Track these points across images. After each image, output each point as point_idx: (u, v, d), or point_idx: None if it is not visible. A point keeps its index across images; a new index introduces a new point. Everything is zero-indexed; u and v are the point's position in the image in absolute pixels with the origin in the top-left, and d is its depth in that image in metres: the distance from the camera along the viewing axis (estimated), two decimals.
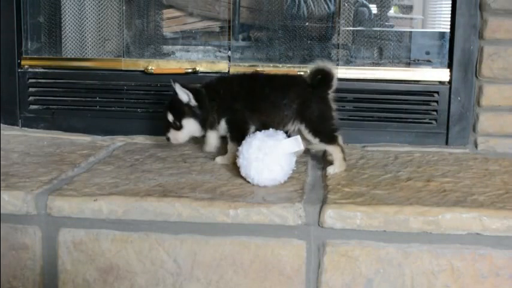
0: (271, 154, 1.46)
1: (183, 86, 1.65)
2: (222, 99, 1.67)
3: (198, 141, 1.94)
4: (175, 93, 1.65)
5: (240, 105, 1.66)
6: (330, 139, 1.61)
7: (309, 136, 1.62)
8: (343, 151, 1.62)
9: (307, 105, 1.62)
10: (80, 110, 2.04)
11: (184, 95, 1.64)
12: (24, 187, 1.46)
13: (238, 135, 1.63)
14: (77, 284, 1.43)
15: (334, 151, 1.61)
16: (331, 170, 1.60)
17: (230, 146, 1.68)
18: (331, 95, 1.64)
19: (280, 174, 1.48)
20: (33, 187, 1.46)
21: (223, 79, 1.77)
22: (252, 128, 1.65)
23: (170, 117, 1.67)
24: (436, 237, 1.34)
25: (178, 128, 1.67)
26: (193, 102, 1.65)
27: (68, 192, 1.44)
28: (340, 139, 1.63)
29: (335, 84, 1.63)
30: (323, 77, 1.62)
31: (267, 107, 1.65)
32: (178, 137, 1.68)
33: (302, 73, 1.62)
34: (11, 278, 1.45)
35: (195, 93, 1.65)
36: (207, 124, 1.67)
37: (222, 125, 1.68)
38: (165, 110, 1.68)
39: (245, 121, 1.65)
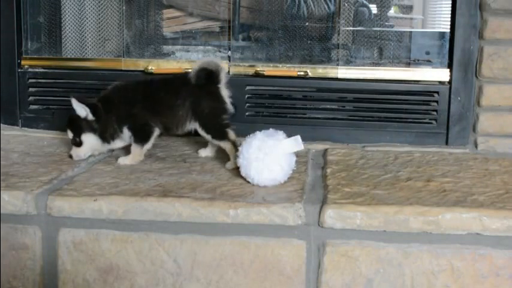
0: (271, 154, 1.46)
1: (80, 100, 1.64)
2: (118, 108, 1.67)
3: (198, 142, 1.94)
4: (74, 109, 1.65)
5: (139, 109, 1.66)
6: (221, 135, 1.64)
7: (203, 133, 1.66)
8: (235, 146, 1.63)
9: (198, 103, 1.64)
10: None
11: (81, 110, 1.64)
12: (24, 187, 1.46)
13: (142, 136, 1.67)
14: (77, 284, 1.43)
15: (226, 147, 1.65)
16: (228, 165, 1.64)
17: (134, 147, 1.68)
18: (224, 89, 1.66)
19: (280, 174, 1.48)
20: (33, 187, 1.46)
21: (117, 88, 1.74)
22: (157, 131, 1.68)
23: (70, 134, 1.68)
24: (436, 237, 1.34)
25: (79, 144, 1.68)
26: (90, 117, 1.65)
27: (68, 192, 1.44)
28: (231, 134, 1.65)
29: (223, 78, 1.65)
30: (209, 74, 1.64)
31: (164, 109, 1.67)
32: (79, 153, 1.69)
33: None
34: (11, 278, 1.45)
35: (92, 107, 1.65)
36: (107, 137, 1.68)
37: (126, 133, 1.68)
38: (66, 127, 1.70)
39: (147, 123, 1.67)
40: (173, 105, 1.66)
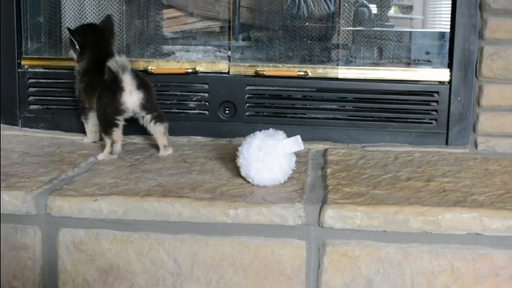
0: (271, 154, 1.46)
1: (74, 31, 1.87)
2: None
3: (198, 143, 1.94)
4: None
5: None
6: (105, 131, 1.74)
7: (97, 122, 1.81)
8: (112, 144, 1.73)
9: (99, 95, 1.75)
10: (80, 110, 2.04)
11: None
12: (24, 187, 1.46)
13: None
14: (77, 284, 1.43)
15: (106, 141, 1.75)
16: (100, 156, 1.74)
17: None
18: (131, 92, 1.72)
19: (280, 174, 1.48)
20: (33, 187, 1.46)
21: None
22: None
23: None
24: (436, 237, 1.34)
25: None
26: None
27: (68, 192, 1.44)
28: (116, 134, 1.73)
29: (127, 78, 1.70)
30: (115, 75, 1.69)
31: (88, 87, 1.84)
32: None
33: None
34: (11, 278, 1.45)
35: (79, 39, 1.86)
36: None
37: None
38: None
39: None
40: (95, 90, 1.78)
